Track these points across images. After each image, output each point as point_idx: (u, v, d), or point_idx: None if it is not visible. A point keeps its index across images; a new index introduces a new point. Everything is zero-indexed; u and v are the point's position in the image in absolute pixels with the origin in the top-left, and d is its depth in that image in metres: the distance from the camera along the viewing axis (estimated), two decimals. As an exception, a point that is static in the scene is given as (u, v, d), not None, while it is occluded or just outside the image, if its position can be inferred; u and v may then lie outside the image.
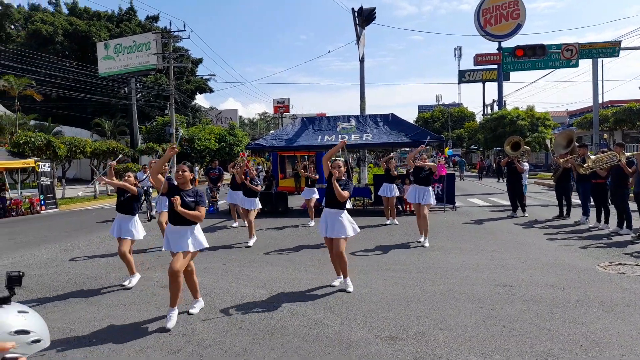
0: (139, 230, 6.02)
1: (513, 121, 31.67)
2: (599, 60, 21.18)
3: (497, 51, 37.24)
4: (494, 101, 45.26)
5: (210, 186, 14.53)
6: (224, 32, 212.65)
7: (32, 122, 30.85)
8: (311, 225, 10.76)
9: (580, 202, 10.51)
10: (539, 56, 18.89)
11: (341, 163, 5.41)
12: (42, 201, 16.32)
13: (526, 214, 11.60)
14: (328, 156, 5.54)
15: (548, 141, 15.81)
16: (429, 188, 8.31)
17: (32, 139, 16.83)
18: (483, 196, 17.86)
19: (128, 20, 43.95)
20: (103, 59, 33.14)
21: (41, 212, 15.91)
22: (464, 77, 51.87)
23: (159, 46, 29.80)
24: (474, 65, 43.62)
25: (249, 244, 8.45)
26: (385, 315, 4.53)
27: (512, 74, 45.59)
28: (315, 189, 11.39)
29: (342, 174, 5.39)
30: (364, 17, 17.96)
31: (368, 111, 18.38)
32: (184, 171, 4.60)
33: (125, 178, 6.10)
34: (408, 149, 20.16)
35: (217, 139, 36.07)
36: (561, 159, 10.64)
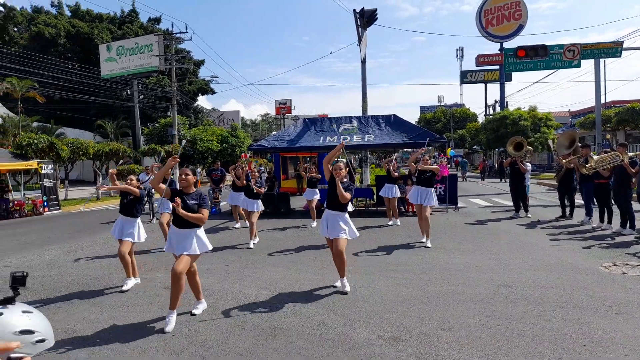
0: (141, 233, 6.02)
1: (515, 122, 31.64)
2: (601, 60, 21.21)
3: (499, 52, 37.21)
4: (496, 102, 45.23)
5: (212, 187, 14.57)
6: (226, 34, 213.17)
7: (35, 124, 30.97)
8: (313, 225, 10.77)
9: (583, 203, 10.48)
10: (541, 57, 18.90)
11: (342, 165, 5.41)
12: (45, 203, 16.38)
13: (529, 215, 11.57)
14: (328, 159, 5.54)
15: (550, 142, 15.75)
16: (432, 189, 8.31)
17: (35, 141, 16.89)
18: (485, 197, 17.83)
19: (130, 22, 44.08)
20: (105, 61, 33.24)
21: (44, 214, 15.98)
22: (465, 78, 51.84)
23: (161, 48, 29.89)
24: (476, 66, 43.55)
25: (250, 245, 8.46)
26: (387, 316, 4.52)
27: (514, 75, 45.52)
28: (316, 189, 11.42)
29: (344, 176, 5.39)
30: (366, 19, 17.95)
31: (370, 112, 18.42)
32: (187, 175, 4.60)
33: (128, 181, 6.11)
34: (410, 149, 20.16)
35: (220, 140, 36.18)
36: (564, 160, 10.61)
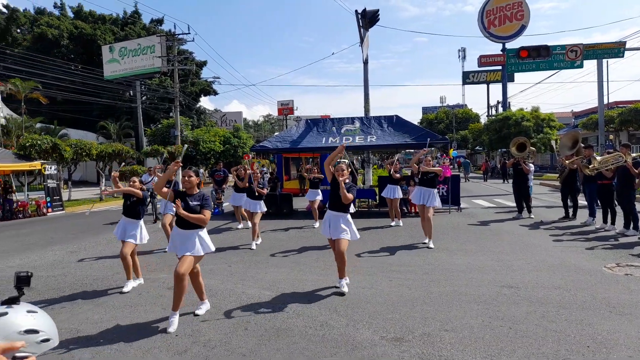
0: (143, 235, 6.04)
1: (518, 122, 31.57)
2: (604, 60, 21.11)
3: (502, 52, 37.10)
4: (498, 102, 45.16)
5: (215, 188, 14.58)
6: (228, 35, 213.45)
7: (39, 125, 31.09)
8: (316, 226, 10.78)
9: (586, 204, 10.45)
10: (544, 57, 18.86)
11: (344, 166, 5.42)
12: (49, 203, 16.44)
13: (532, 216, 11.54)
14: (329, 160, 5.56)
15: (553, 142, 15.71)
16: (434, 190, 8.29)
17: (39, 142, 16.95)
18: (488, 197, 17.81)
19: (133, 24, 44.20)
20: (108, 62, 33.35)
21: (47, 214, 16.03)
22: (468, 79, 51.80)
23: (163, 49, 29.97)
24: (478, 66, 43.54)
25: (252, 246, 8.47)
26: (390, 317, 4.52)
27: (517, 75, 45.53)
28: (319, 190, 11.43)
29: (346, 177, 5.39)
30: (368, 19, 17.97)
31: (372, 113, 18.45)
32: (190, 176, 4.62)
33: (131, 183, 6.11)
34: (412, 150, 20.15)
35: (222, 141, 36.22)
36: (567, 160, 10.59)
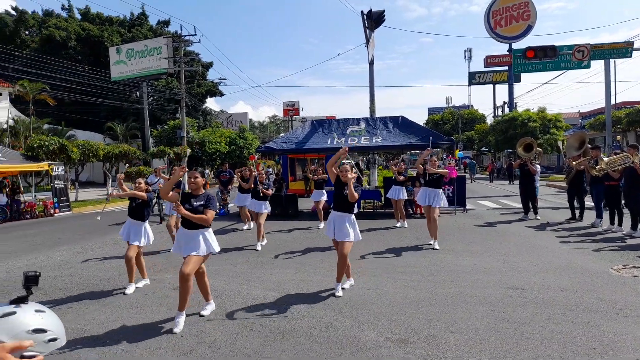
0: (148, 237, 6.08)
1: (524, 123, 31.41)
2: (612, 61, 20.93)
3: (508, 53, 36.96)
4: (504, 103, 44.90)
5: (221, 189, 14.64)
6: (233, 36, 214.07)
7: (46, 126, 31.31)
8: (321, 227, 10.78)
9: (593, 205, 10.37)
10: (550, 57, 18.72)
11: (348, 167, 5.43)
12: (56, 204, 16.57)
13: (538, 217, 11.48)
14: (331, 163, 5.59)
15: (560, 143, 15.61)
16: (440, 190, 8.27)
17: (46, 143, 17.10)
18: (494, 198, 17.73)
19: (140, 25, 44.46)
20: (115, 63, 33.57)
21: (55, 215, 16.16)
22: (474, 79, 51.57)
23: (170, 50, 30.12)
24: (484, 67, 43.30)
25: (257, 247, 8.48)
26: (395, 318, 4.52)
27: (523, 76, 45.22)
28: (324, 191, 11.44)
29: (354, 176, 5.40)
30: (373, 20, 17.95)
31: (378, 113, 18.40)
32: (195, 177, 4.66)
33: (136, 185, 6.14)
34: (418, 151, 20.11)
35: (228, 142, 36.35)
36: (574, 161, 10.52)
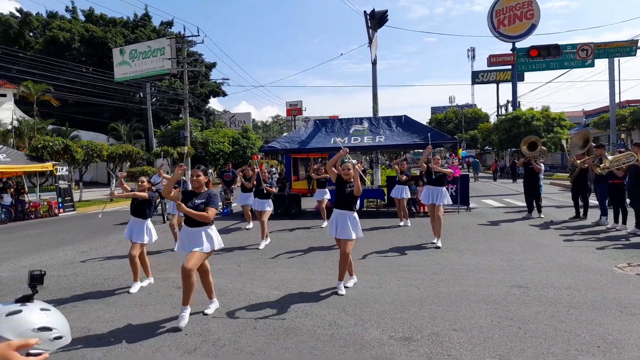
0: (151, 235, 6.10)
1: (528, 122, 31.28)
2: (616, 59, 20.85)
3: (511, 52, 36.77)
4: (508, 102, 44.80)
5: (224, 188, 14.66)
6: (236, 37, 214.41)
7: (50, 127, 31.48)
8: (324, 226, 10.78)
9: (597, 203, 10.33)
10: (554, 56, 18.67)
11: (350, 166, 5.45)
12: (60, 204, 16.64)
13: (542, 215, 11.44)
14: (331, 164, 5.63)
15: (564, 142, 15.55)
16: (443, 188, 8.23)
17: (50, 143, 17.19)
18: (498, 197, 17.68)
19: (143, 26, 44.61)
20: (119, 64, 33.67)
21: (59, 215, 16.23)
22: (477, 78, 51.33)
23: (173, 51, 30.16)
24: (488, 66, 43.10)
25: (260, 246, 8.50)
26: (399, 316, 4.52)
27: (527, 75, 44.98)
28: (326, 190, 11.43)
29: (353, 176, 5.41)
30: (376, 20, 17.95)
31: (381, 113, 18.42)
32: (198, 175, 4.68)
33: (139, 183, 6.17)
34: (421, 150, 20.08)
35: (231, 142, 36.42)
36: (578, 160, 10.48)
